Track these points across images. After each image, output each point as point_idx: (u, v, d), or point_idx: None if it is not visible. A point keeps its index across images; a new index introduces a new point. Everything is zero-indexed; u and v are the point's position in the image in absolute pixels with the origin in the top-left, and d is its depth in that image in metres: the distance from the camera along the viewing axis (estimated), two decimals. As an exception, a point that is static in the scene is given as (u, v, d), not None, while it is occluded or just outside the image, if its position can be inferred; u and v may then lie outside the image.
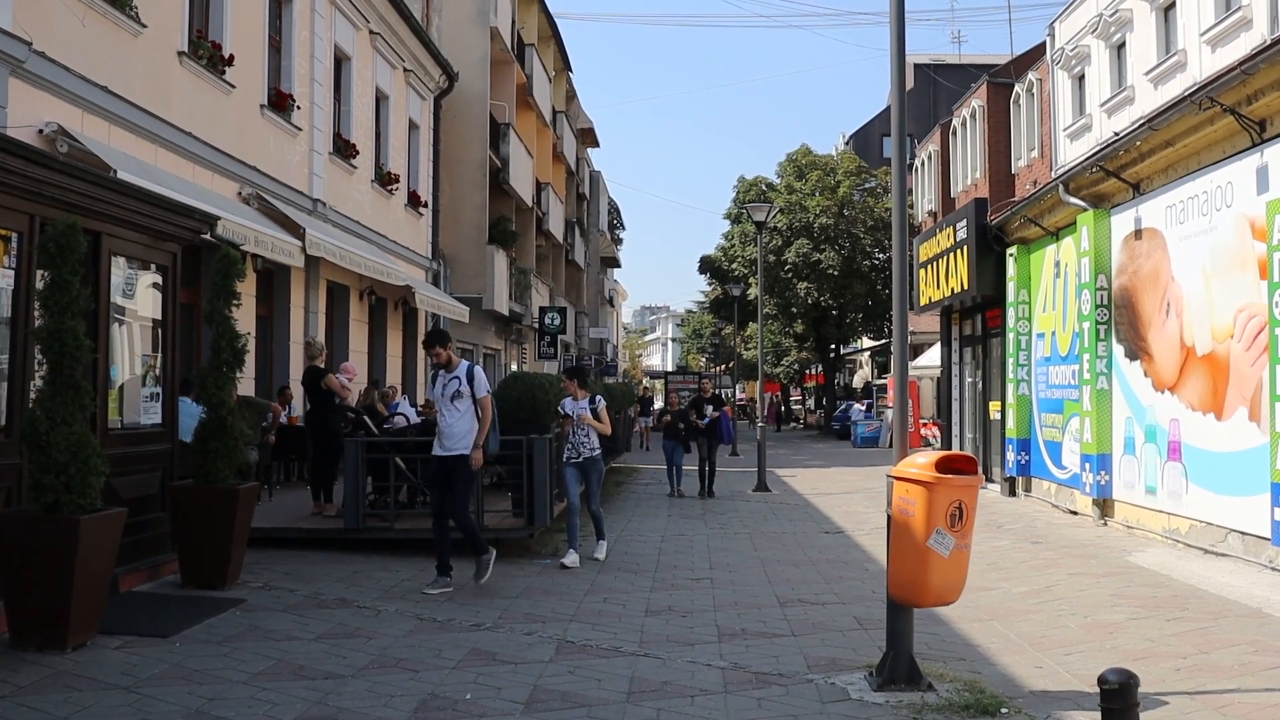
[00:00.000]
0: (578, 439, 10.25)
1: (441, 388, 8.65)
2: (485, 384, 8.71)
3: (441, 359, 8.66)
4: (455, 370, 8.65)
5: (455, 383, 8.59)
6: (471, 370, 8.70)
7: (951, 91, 38.15)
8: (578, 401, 10.28)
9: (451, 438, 8.51)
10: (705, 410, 17.55)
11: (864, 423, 35.41)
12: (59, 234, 6.32)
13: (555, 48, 36.94)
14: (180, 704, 5.38)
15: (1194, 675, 6.23)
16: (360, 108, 18.26)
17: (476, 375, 8.68)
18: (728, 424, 18.33)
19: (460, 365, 8.71)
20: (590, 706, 5.55)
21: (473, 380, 8.61)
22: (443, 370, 8.69)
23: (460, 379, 8.58)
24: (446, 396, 8.57)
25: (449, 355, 8.67)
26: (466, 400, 8.57)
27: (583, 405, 10.25)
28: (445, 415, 8.55)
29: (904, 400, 6.42)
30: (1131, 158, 12.13)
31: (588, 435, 10.18)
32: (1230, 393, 10.24)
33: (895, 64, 6.44)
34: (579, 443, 10.25)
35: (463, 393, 8.56)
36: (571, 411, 10.25)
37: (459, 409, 8.55)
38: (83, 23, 9.89)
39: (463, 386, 8.55)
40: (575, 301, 43.67)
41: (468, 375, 8.62)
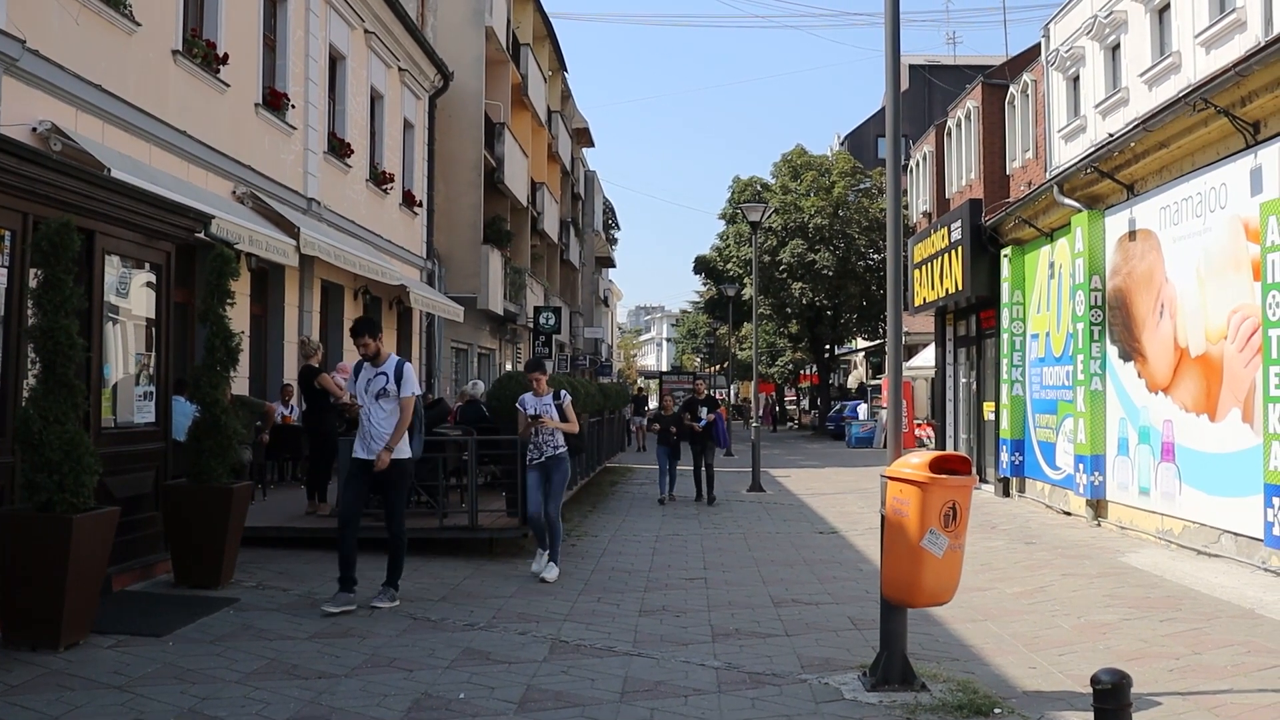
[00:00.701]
0: (541, 438, 9.31)
1: (366, 383, 7.83)
2: (414, 383, 7.93)
3: (369, 350, 7.82)
4: (383, 365, 7.84)
5: (382, 379, 7.80)
6: (401, 367, 7.86)
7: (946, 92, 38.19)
8: (540, 398, 9.38)
9: (378, 439, 7.71)
10: (699, 413, 16.67)
11: (858, 423, 35.46)
12: (52, 232, 6.31)
13: (550, 47, 36.93)
14: (173, 703, 5.37)
15: (1187, 676, 6.25)
16: (355, 107, 18.24)
17: (406, 373, 7.86)
18: (723, 427, 17.47)
19: (389, 360, 7.87)
20: (584, 706, 5.55)
21: (401, 378, 7.79)
22: (368, 363, 7.87)
23: (388, 375, 7.79)
24: (371, 394, 7.78)
25: (378, 347, 7.85)
26: (392, 400, 7.77)
27: (546, 402, 9.36)
28: (370, 414, 7.76)
29: (898, 401, 6.42)
30: (1126, 159, 12.16)
31: (551, 434, 9.29)
32: (1224, 394, 10.26)
33: (890, 65, 6.44)
34: (542, 441, 9.31)
35: (389, 391, 7.76)
36: (533, 410, 9.30)
37: (384, 408, 7.76)
38: (77, 21, 9.86)
39: (389, 384, 7.76)
40: (570, 301, 43.66)
41: (396, 372, 7.80)
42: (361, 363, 7.93)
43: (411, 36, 20.55)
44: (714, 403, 17.19)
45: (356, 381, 7.93)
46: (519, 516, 10.39)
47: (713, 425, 16.65)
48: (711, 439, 16.62)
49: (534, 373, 9.42)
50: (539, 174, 33.89)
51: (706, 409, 16.71)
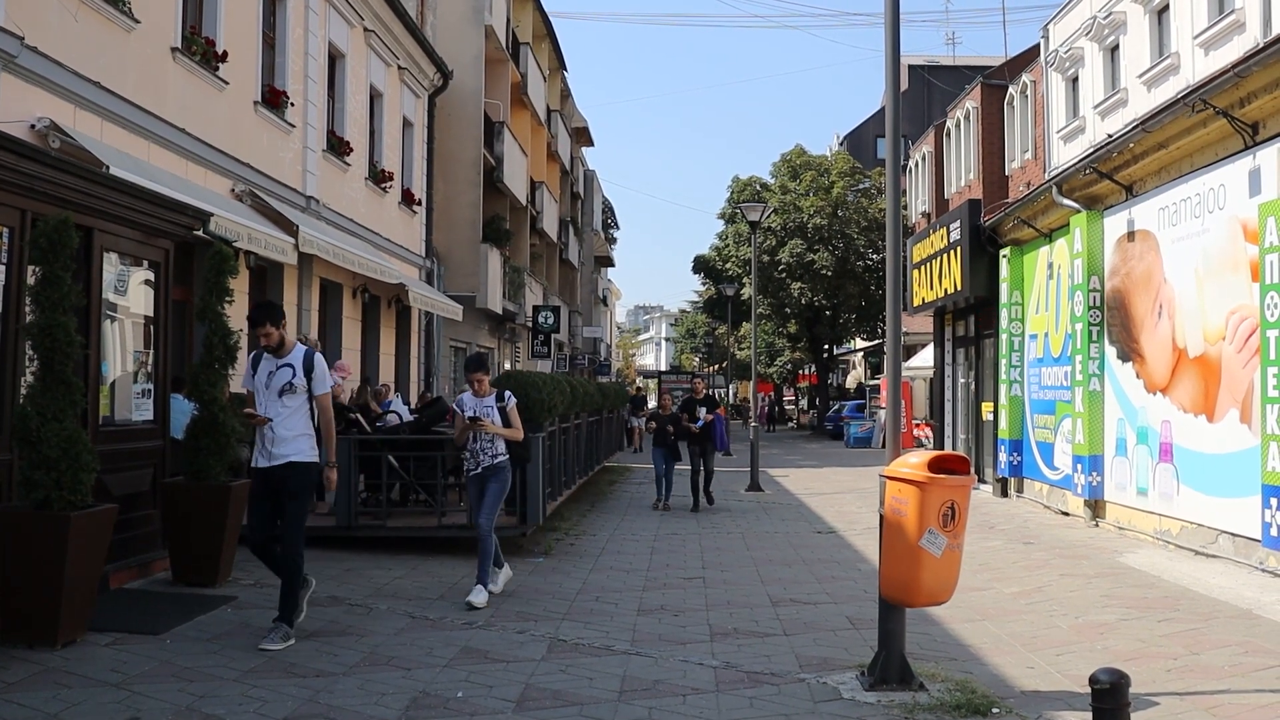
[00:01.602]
0: (479, 444, 8.31)
1: (266, 377, 6.76)
2: (328, 377, 6.92)
3: (272, 340, 6.75)
4: (288, 356, 6.77)
5: (287, 372, 6.73)
6: (311, 358, 6.82)
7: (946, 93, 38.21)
8: (481, 399, 8.38)
9: (280, 443, 6.65)
10: (698, 413, 15.69)
11: (857, 423, 35.48)
12: (51, 229, 6.31)
13: (550, 46, 36.90)
14: (171, 701, 5.37)
15: (1185, 676, 6.25)
16: (354, 105, 18.22)
17: (317, 365, 6.81)
18: (722, 428, 16.26)
19: (295, 350, 6.84)
20: (582, 705, 5.54)
21: (311, 371, 6.77)
22: (268, 354, 6.80)
23: (294, 368, 6.74)
24: (273, 390, 6.71)
25: (281, 335, 6.78)
26: (300, 396, 6.73)
27: (487, 404, 8.35)
28: (271, 415, 6.71)
29: (897, 401, 6.42)
30: (1125, 160, 12.16)
31: (491, 440, 8.31)
32: (1221, 395, 10.27)
33: (890, 65, 6.43)
34: (480, 449, 8.32)
35: (296, 387, 6.71)
36: (473, 412, 8.28)
37: (288, 406, 6.71)
38: (75, 18, 9.85)
39: (297, 378, 6.71)
40: (569, 300, 43.65)
41: (305, 364, 6.77)
42: (260, 354, 6.85)
43: (411, 35, 20.53)
44: (713, 402, 16.28)
45: (255, 376, 6.82)
46: (517, 515, 10.40)
47: (711, 426, 15.71)
48: (710, 440, 15.71)
49: (475, 373, 8.44)
50: (538, 173, 33.87)
51: (705, 409, 15.82)
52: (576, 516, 13.77)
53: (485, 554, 8.14)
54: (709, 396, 16.44)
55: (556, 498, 12.75)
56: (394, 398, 15.61)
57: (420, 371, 22.31)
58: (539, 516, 10.62)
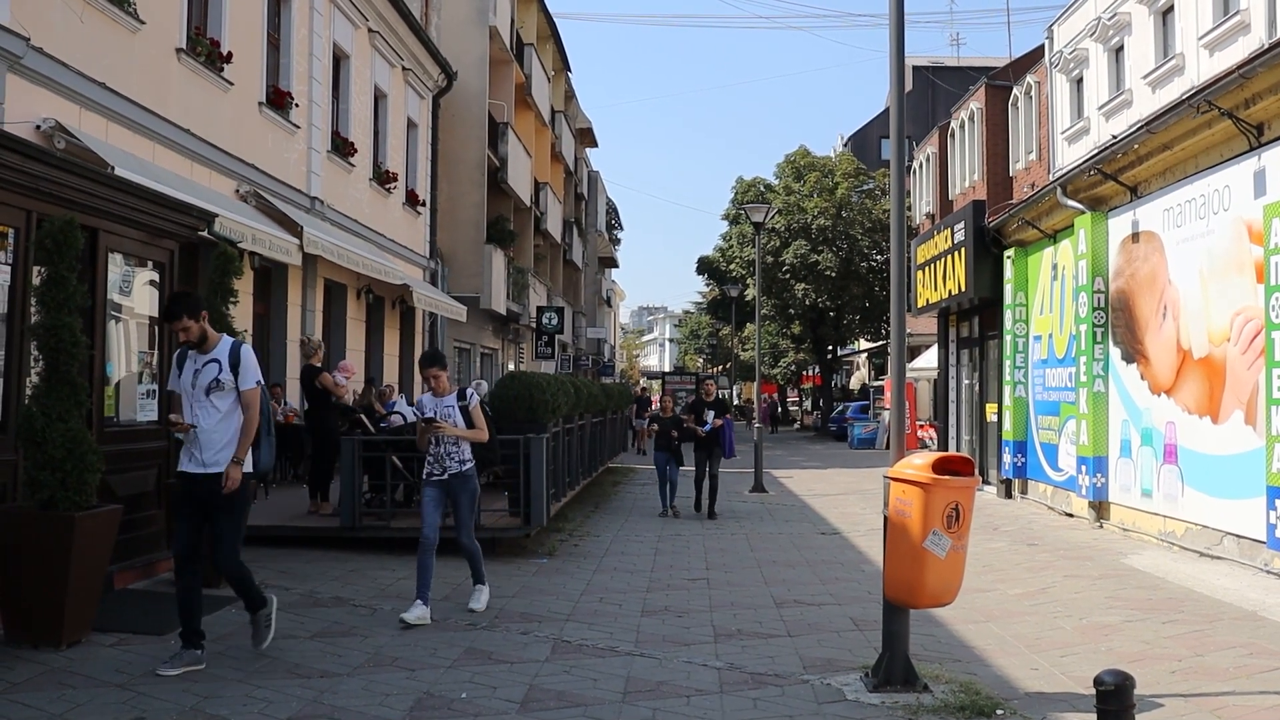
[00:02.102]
0: (442, 449, 7.64)
1: (192, 376, 6.12)
2: (256, 370, 6.24)
3: (191, 335, 6.08)
4: (212, 351, 6.14)
5: (213, 368, 6.09)
6: (238, 351, 6.19)
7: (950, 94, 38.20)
8: (441, 399, 7.75)
9: (209, 447, 6.03)
10: (706, 416, 14.72)
11: (861, 424, 35.44)
12: (56, 230, 6.32)
13: (554, 47, 36.93)
14: (175, 701, 5.37)
15: (1189, 677, 6.24)
16: (359, 106, 18.25)
17: (244, 359, 6.18)
18: (731, 433, 15.14)
19: (221, 343, 6.19)
20: (586, 706, 5.54)
21: (239, 365, 6.14)
22: (194, 350, 6.16)
23: (220, 363, 6.11)
24: (199, 389, 6.08)
25: (203, 329, 6.11)
26: (231, 395, 6.10)
27: (448, 403, 7.71)
28: (198, 416, 6.08)
29: (901, 402, 6.42)
30: (1129, 161, 12.15)
31: (456, 444, 7.65)
32: (1226, 396, 10.25)
33: (894, 66, 6.44)
34: (444, 453, 7.65)
35: (224, 383, 6.09)
36: (431, 412, 7.66)
37: (218, 407, 6.07)
38: (80, 19, 9.87)
39: (224, 374, 6.09)
40: (573, 301, 43.66)
41: (231, 358, 6.14)
42: (185, 351, 6.19)
43: (415, 36, 20.56)
44: (723, 406, 15.28)
45: (180, 376, 6.18)
46: (521, 516, 10.39)
47: (719, 432, 14.74)
48: (718, 446, 14.76)
49: (430, 369, 7.76)
50: (542, 174, 33.89)
51: (714, 413, 14.83)
52: (580, 517, 13.77)
53: (476, 562, 7.88)
54: (719, 399, 15.47)
55: (560, 499, 12.75)
56: (398, 398, 15.61)
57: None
58: (543, 518, 10.62)
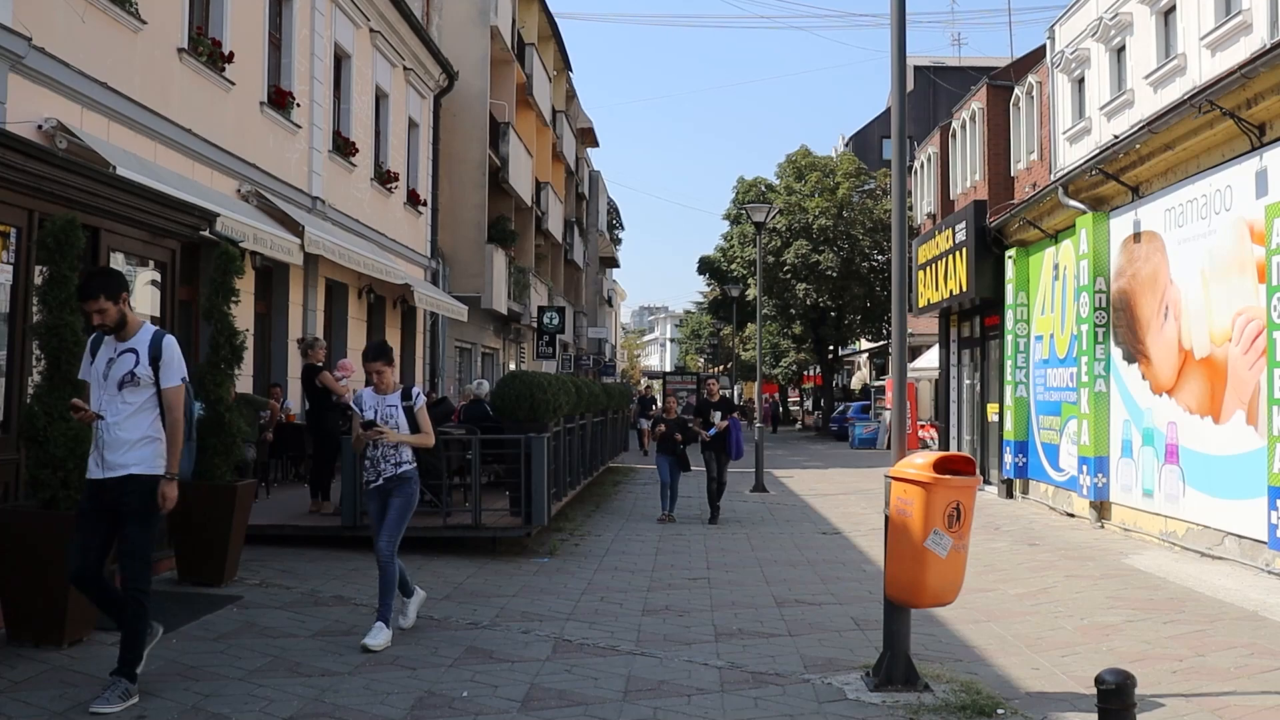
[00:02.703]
0: (379, 452, 6.89)
1: (105, 365, 5.35)
2: (180, 366, 5.41)
3: (108, 318, 5.29)
4: (131, 339, 5.32)
5: (130, 359, 5.28)
6: (160, 342, 5.34)
7: (951, 94, 38.19)
8: (384, 396, 6.99)
9: (116, 448, 5.25)
10: (712, 418, 14.16)
11: (862, 424, 35.45)
12: (58, 229, 6.33)
13: (555, 47, 36.93)
14: (176, 700, 5.38)
15: (1190, 677, 6.24)
16: (360, 106, 18.25)
17: (167, 351, 5.34)
18: (739, 434, 14.38)
19: (142, 331, 5.35)
20: (587, 705, 5.55)
21: (160, 359, 5.30)
22: (109, 337, 5.38)
23: (138, 354, 5.28)
24: (111, 380, 5.31)
25: (122, 313, 5.27)
26: (146, 391, 5.30)
27: (391, 402, 6.97)
28: (106, 412, 5.30)
29: (903, 401, 6.42)
30: (1131, 161, 12.14)
31: (395, 447, 6.89)
32: (1228, 396, 10.25)
33: (896, 66, 6.44)
34: (381, 456, 6.88)
35: (140, 378, 5.27)
36: (373, 412, 6.91)
37: (130, 402, 5.27)
38: (82, 19, 9.88)
39: (141, 368, 5.27)
40: (574, 301, 43.66)
41: (152, 350, 5.30)
42: (100, 336, 5.42)
43: (417, 36, 20.56)
44: (730, 406, 14.64)
45: (93, 363, 5.42)
46: (522, 515, 10.39)
47: (726, 434, 14.10)
48: (725, 448, 14.14)
49: (374, 363, 6.98)
50: (543, 174, 33.89)
51: (720, 414, 14.26)
52: (581, 517, 13.77)
53: (387, 585, 6.75)
54: (725, 399, 14.86)
55: (561, 498, 12.75)
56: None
57: (425, 372, 22.35)
58: (544, 517, 10.62)
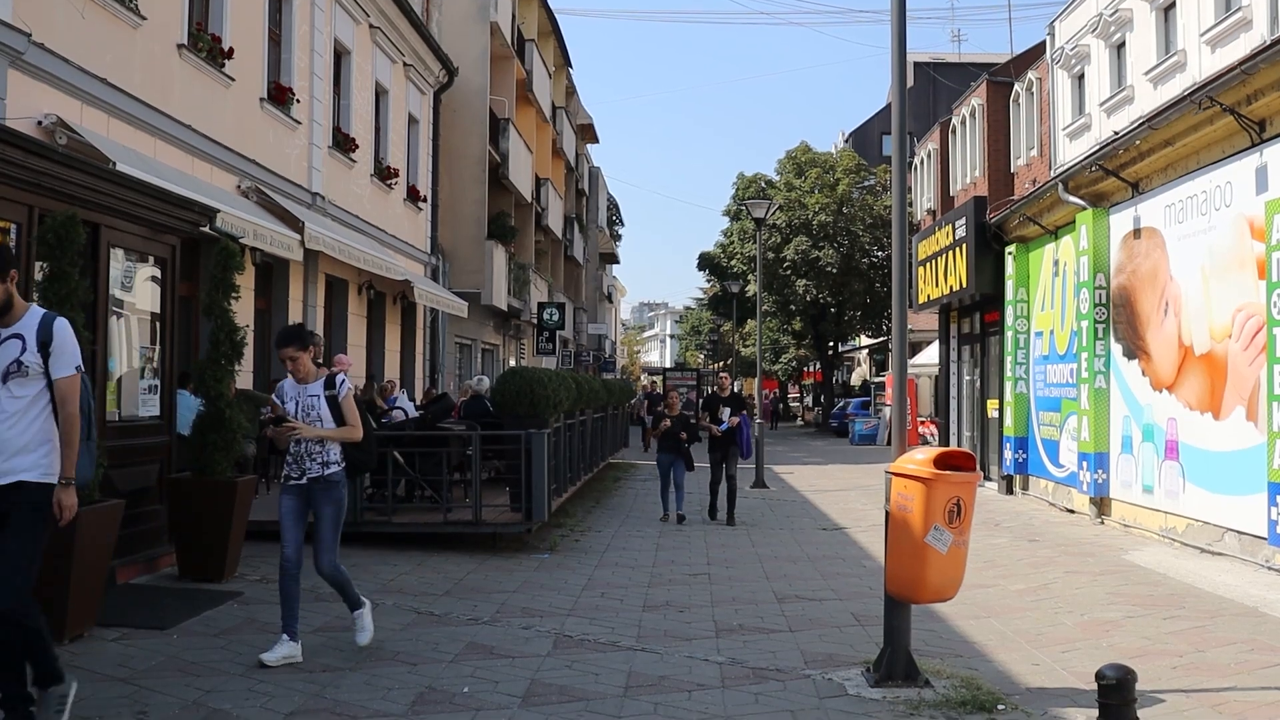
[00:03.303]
0: (302, 448, 6.17)
1: None
2: (75, 353, 4.73)
3: None
4: (15, 324, 4.64)
5: (14, 346, 4.61)
6: (50, 326, 4.68)
7: (951, 90, 38.15)
8: (304, 386, 6.20)
9: (4, 449, 4.54)
10: (721, 414, 13.48)
11: (862, 420, 35.47)
12: (58, 225, 6.33)
13: (555, 43, 36.89)
14: (177, 696, 5.38)
15: (1190, 673, 6.25)
16: (360, 102, 18.24)
17: (59, 336, 4.68)
18: (749, 431, 13.88)
19: (29, 315, 4.69)
20: (588, 700, 5.55)
21: (50, 343, 4.65)
22: None
23: (25, 341, 4.62)
24: None
25: (8, 292, 4.60)
26: (37, 383, 4.63)
27: (313, 392, 6.17)
28: None
29: (903, 398, 6.42)
30: (1131, 157, 12.14)
31: (321, 442, 6.18)
32: (1228, 392, 10.25)
33: (896, 62, 6.43)
34: (304, 452, 6.18)
35: (28, 367, 4.60)
36: (293, 404, 6.19)
37: (19, 396, 4.58)
38: (82, 14, 9.87)
39: (28, 355, 4.60)
40: (574, 297, 43.64)
41: (41, 335, 4.64)
42: None
43: (416, 31, 20.54)
44: (740, 402, 13.99)
45: None
46: (522, 511, 10.39)
47: (737, 430, 13.48)
48: (734, 445, 13.50)
49: (287, 348, 6.16)
50: (543, 170, 33.88)
51: (730, 409, 13.60)
52: (581, 513, 13.78)
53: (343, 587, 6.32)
54: (735, 395, 14.26)
55: (561, 494, 12.75)
56: (399, 394, 15.64)
57: (425, 368, 22.35)
58: (544, 513, 10.62)
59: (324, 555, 6.26)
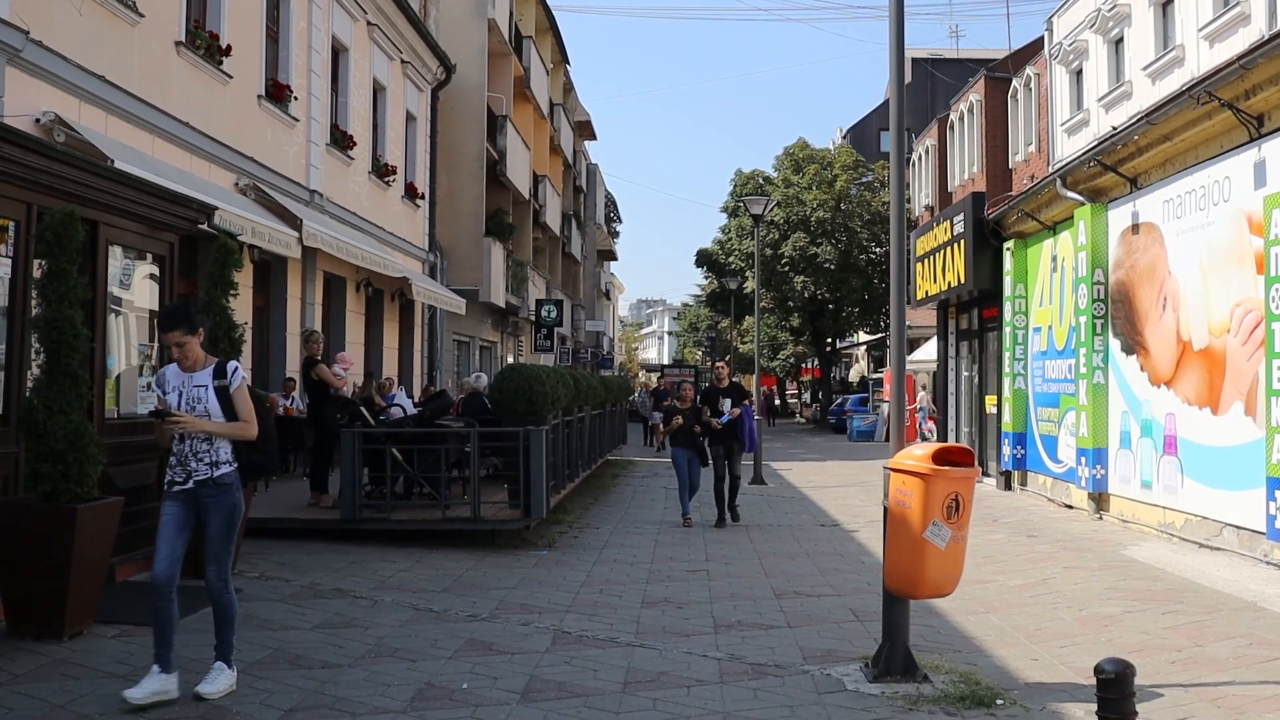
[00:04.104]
0: (187, 446, 5.37)
1: None
2: None
3: None
4: None
5: None
6: None
7: (949, 86, 38.16)
8: (191, 375, 5.41)
9: None
10: (721, 405, 12.78)
11: (860, 416, 35.49)
12: (57, 223, 6.32)
13: (553, 40, 36.87)
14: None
15: (1189, 668, 6.26)
16: (358, 99, 18.23)
17: None
18: (751, 424, 13.16)
19: None
20: (587, 697, 5.56)
21: None
22: None
23: None
24: None
25: None
26: None
27: (200, 381, 5.39)
28: None
29: (901, 394, 6.42)
30: (1129, 152, 12.14)
31: (209, 439, 5.37)
32: (1226, 387, 10.26)
33: (894, 58, 6.43)
34: (189, 451, 5.38)
35: None
36: (175, 395, 5.39)
37: None
38: (80, 12, 9.85)
39: None
40: (572, 294, 43.63)
41: None
42: None
43: (414, 28, 20.53)
44: (741, 392, 13.28)
45: None
46: (521, 508, 10.38)
47: (739, 422, 12.78)
48: (737, 439, 12.83)
49: (173, 332, 5.34)
50: (541, 167, 33.86)
51: (730, 400, 12.87)
52: (580, 509, 13.78)
53: (225, 618, 5.39)
54: (735, 385, 13.44)
55: (560, 491, 12.75)
56: (398, 391, 15.64)
57: (424, 365, 22.35)
58: (542, 510, 10.62)
59: (214, 569, 5.37)
